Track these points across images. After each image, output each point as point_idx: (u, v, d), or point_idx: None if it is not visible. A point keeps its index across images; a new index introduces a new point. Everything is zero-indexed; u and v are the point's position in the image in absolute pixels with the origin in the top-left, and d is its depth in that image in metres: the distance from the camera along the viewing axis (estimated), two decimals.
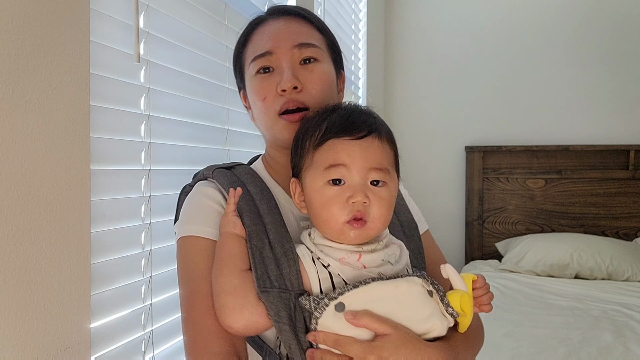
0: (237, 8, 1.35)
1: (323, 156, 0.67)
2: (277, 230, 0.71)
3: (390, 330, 0.61)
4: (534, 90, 3.06)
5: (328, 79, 0.79)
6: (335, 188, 0.66)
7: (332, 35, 0.86)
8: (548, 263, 2.54)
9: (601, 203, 2.91)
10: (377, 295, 0.62)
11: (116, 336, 0.91)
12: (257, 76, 0.79)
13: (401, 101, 3.29)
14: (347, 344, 0.61)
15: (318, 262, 0.67)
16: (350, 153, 0.66)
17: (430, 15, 3.24)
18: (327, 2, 2.16)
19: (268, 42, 0.78)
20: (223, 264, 0.67)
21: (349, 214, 0.65)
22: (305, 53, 0.78)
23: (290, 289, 0.65)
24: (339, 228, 0.65)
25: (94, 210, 0.84)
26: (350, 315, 0.61)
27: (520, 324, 1.84)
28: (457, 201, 3.17)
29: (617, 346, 1.61)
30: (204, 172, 0.81)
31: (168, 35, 1.07)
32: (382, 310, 0.62)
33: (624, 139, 2.93)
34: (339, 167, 0.66)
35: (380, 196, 0.66)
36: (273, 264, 0.67)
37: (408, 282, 0.64)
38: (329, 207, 0.66)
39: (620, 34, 2.95)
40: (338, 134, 0.67)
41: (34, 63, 0.70)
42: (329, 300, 0.62)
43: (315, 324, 0.62)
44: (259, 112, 0.80)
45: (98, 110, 0.86)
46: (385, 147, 0.69)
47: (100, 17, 0.87)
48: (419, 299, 0.64)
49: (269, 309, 0.64)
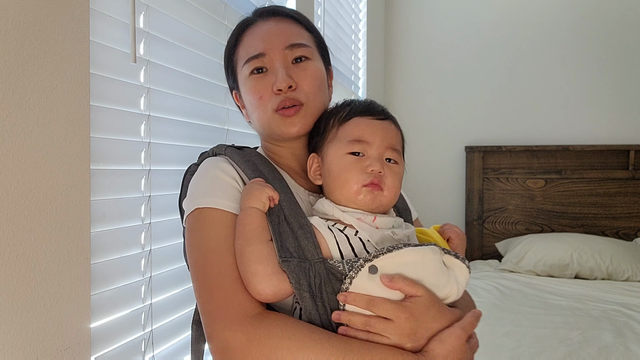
0: (237, 8, 1.35)
1: (348, 130, 0.76)
2: (291, 207, 0.74)
3: (421, 292, 0.67)
4: (534, 90, 3.06)
5: (320, 76, 0.84)
6: (355, 157, 0.74)
7: (319, 33, 0.90)
8: (548, 263, 2.54)
9: (601, 203, 2.91)
10: (408, 261, 0.67)
11: (116, 336, 0.91)
12: (252, 77, 0.82)
13: (401, 101, 3.29)
14: (379, 304, 0.65)
15: (334, 228, 0.71)
16: (373, 131, 0.75)
17: (430, 15, 3.24)
18: (327, 2, 2.16)
19: (260, 44, 0.81)
20: (251, 235, 0.69)
21: (367, 178, 0.72)
22: (296, 52, 0.82)
23: (310, 259, 0.68)
24: (357, 189, 0.72)
25: (94, 210, 0.84)
26: (387, 278, 0.65)
27: (520, 324, 1.84)
28: (457, 201, 3.17)
29: (617, 346, 1.61)
30: (214, 150, 0.84)
31: (168, 35, 1.07)
32: (413, 275, 0.67)
33: (624, 139, 2.93)
34: (361, 142, 0.74)
35: (394, 170, 0.75)
36: (290, 237, 0.70)
37: (432, 251, 0.70)
38: (348, 171, 0.73)
39: (620, 34, 2.95)
40: (362, 114, 0.77)
41: (34, 63, 0.70)
42: (365, 262, 0.66)
43: (350, 283, 0.66)
44: (255, 110, 0.83)
45: (98, 110, 0.86)
46: (399, 133, 0.79)
47: (100, 17, 0.87)
48: (439, 267, 0.70)
49: (290, 277, 0.67)
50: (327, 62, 0.90)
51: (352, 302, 0.65)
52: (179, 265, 1.11)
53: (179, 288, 1.12)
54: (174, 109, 1.10)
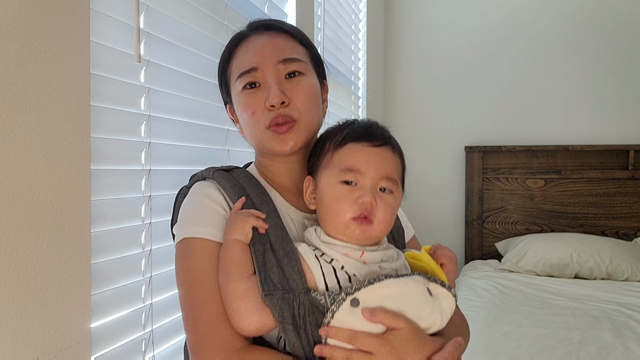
0: (237, 8, 1.35)
1: (341, 157, 0.73)
2: (278, 233, 0.73)
3: (402, 324, 0.66)
4: (533, 91, 3.06)
5: (313, 91, 0.82)
6: (347, 187, 0.71)
7: (314, 47, 0.88)
8: (548, 263, 2.54)
9: (601, 203, 2.91)
10: (389, 292, 0.67)
11: (116, 336, 0.91)
12: (244, 92, 0.81)
13: (401, 101, 3.29)
14: (361, 338, 0.65)
15: (321, 259, 0.70)
16: (367, 159, 0.72)
17: (430, 15, 3.24)
18: (327, 2, 2.16)
19: (253, 58, 0.80)
20: (233, 270, 0.69)
21: (356, 210, 0.70)
22: (289, 67, 0.80)
23: (295, 288, 0.68)
24: (346, 222, 0.70)
25: (94, 210, 0.84)
26: (368, 312, 0.64)
27: (520, 323, 1.84)
28: (457, 201, 3.17)
29: (616, 346, 1.61)
30: (203, 173, 0.83)
31: (168, 35, 1.07)
32: (395, 307, 0.66)
33: (623, 139, 2.93)
34: (354, 171, 0.71)
35: (387, 202, 0.71)
36: (275, 266, 0.69)
37: (414, 281, 0.69)
38: (339, 202, 0.71)
39: (620, 35, 2.95)
40: (358, 139, 0.73)
41: (34, 63, 0.70)
42: (346, 295, 0.65)
43: (331, 317, 0.65)
44: (248, 125, 0.81)
45: (98, 110, 0.86)
46: (397, 159, 0.75)
47: (100, 17, 0.87)
48: (422, 297, 0.68)
49: (273, 311, 0.67)
50: (323, 77, 0.89)
51: (333, 336, 0.65)
52: None
53: None
54: (174, 109, 1.10)
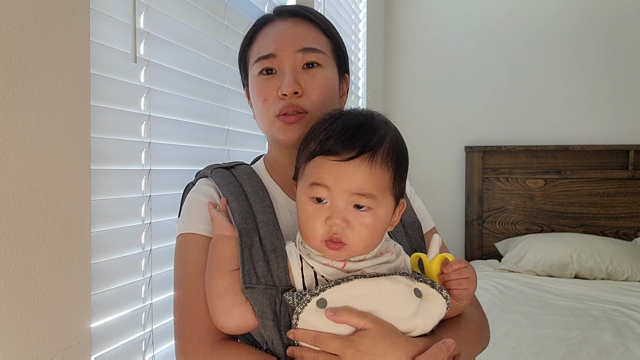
0: (237, 8, 1.35)
1: (309, 172, 0.66)
2: (269, 228, 0.73)
3: (370, 325, 0.61)
4: (533, 90, 3.06)
5: (329, 85, 0.80)
6: (316, 205, 0.65)
7: (338, 39, 0.85)
8: (548, 263, 2.54)
9: (601, 203, 2.91)
10: (359, 292, 0.63)
11: (116, 336, 0.91)
12: (260, 77, 0.80)
13: (401, 101, 3.29)
14: (325, 340, 0.62)
15: (304, 261, 0.68)
16: (334, 175, 0.63)
17: (430, 15, 3.24)
18: (327, 2, 2.16)
19: (272, 44, 0.79)
20: (214, 267, 0.69)
21: (325, 234, 0.64)
22: (308, 57, 0.78)
23: (278, 284, 0.67)
24: (316, 245, 0.66)
25: (94, 210, 0.84)
26: (331, 311, 0.61)
27: (520, 323, 1.84)
28: (457, 201, 3.18)
29: (616, 346, 1.61)
30: (204, 171, 0.84)
31: (168, 35, 1.07)
32: (364, 307, 0.62)
33: (623, 139, 2.93)
34: (321, 187, 0.64)
35: (362, 221, 0.64)
36: (262, 260, 0.68)
37: (391, 280, 0.64)
38: (308, 223, 0.65)
39: (620, 34, 2.95)
40: (326, 152, 0.64)
41: (34, 63, 0.70)
42: (311, 296, 0.62)
43: (297, 319, 0.63)
44: (259, 112, 0.81)
45: (98, 110, 0.86)
46: (376, 170, 0.64)
47: (100, 17, 0.87)
48: (402, 297, 0.64)
49: (253, 305, 0.66)
50: (344, 70, 0.86)
51: (299, 338, 0.63)
52: None
53: None
54: (174, 109, 1.10)
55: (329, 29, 0.84)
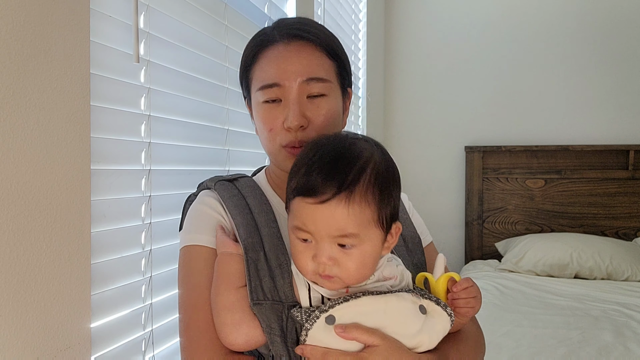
0: (237, 8, 1.35)
1: (293, 212, 0.65)
2: (273, 242, 0.73)
3: (378, 341, 0.62)
4: (533, 90, 3.06)
5: (334, 114, 0.80)
6: (303, 244, 0.65)
7: (342, 57, 0.83)
8: (548, 263, 2.54)
9: (601, 203, 2.91)
10: (367, 309, 0.64)
11: (116, 336, 0.91)
12: (264, 105, 0.79)
13: (401, 101, 3.29)
14: (335, 356, 0.62)
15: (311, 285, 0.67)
16: (313, 219, 0.62)
17: (430, 15, 3.24)
18: (327, 2, 2.16)
19: (276, 73, 0.77)
20: (220, 283, 0.69)
21: (314, 269, 0.64)
22: (313, 89, 0.77)
23: (284, 300, 0.67)
24: (310, 278, 0.66)
25: (94, 210, 0.84)
26: (340, 328, 0.62)
27: (520, 323, 1.84)
28: (457, 201, 3.18)
29: (616, 346, 1.61)
30: (207, 183, 0.84)
31: (168, 35, 1.07)
32: (372, 324, 0.63)
33: (623, 139, 2.93)
34: (304, 231, 0.64)
35: (351, 258, 0.63)
36: (267, 276, 0.69)
37: (397, 298, 0.65)
38: (298, 260, 0.66)
39: (620, 34, 2.95)
40: (303, 194, 0.63)
41: (34, 63, 0.70)
42: (320, 313, 0.63)
43: (306, 335, 0.63)
44: (263, 138, 0.81)
45: (98, 110, 0.86)
46: (354, 209, 0.62)
47: (100, 17, 0.87)
48: (408, 314, 0.65)
49: (261, 321, 0.66)
50: (347, 85, 0.85)
51: (308, 355, 0.63)
52: None
53: None
54: (174, 109, 1.10)
55: (333, 50, 0.81)
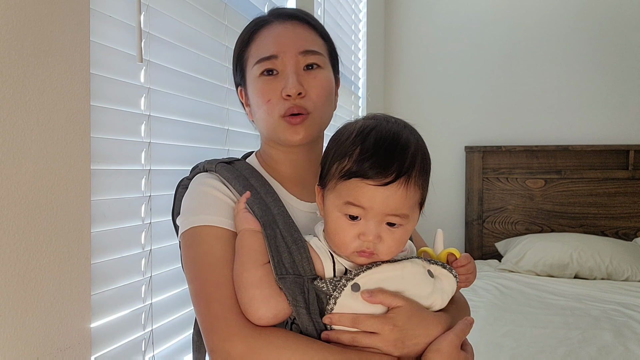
0: (237, 8, 1.35)
1: (345, 191, 0.67)
2: (285, 220, 0.74)
3: (402, 302, 0.68)
4: (533, 90, 3.06)
5: (329, 86, 0.83)
6: (349, 222, 0.68)
7: (332, 41, 0.89)
8: (548, 263, 2.54)
9: (601, 203, 2.91)
10: (387, 275, 0.69)
11: (116, 336, 0.91)
12: (261, 78, 0.81)
13: (401, 101, 3.29)
14: (364, 320, 0.67)
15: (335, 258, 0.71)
16: (371, 199, 0.66)
17: (430, 15, 3.24)
18: (327, 2, 2.16)
19: (274, 46, 0.80)
20: (246, 259, 0.69)
21: (358, 247, 0.68)
22: (309, 59, 0.81)
23: (303, 274, 0.69)
24: (348, 254, 0.70)
25: (94, 210, 0.84)
26: (367, 293, 0.66)
27: (520, 323, 1.84)
28: (457, 201, 3.18)
29: (616, 346, 1.61)
30: (205, 166, 0.83)
31: (168, 35, 1.07)
32: (392, 288, 0.69)
33: (623, 139, 2.93)
34: (357, 207, 0.66)
35: (394, 236, 0.68)
36: (286, 252, 0.70)
37: (412, 263, 0.71)
38: (341, 235, 0.69)
39: (620, 34, 2.95)
40: (364, 176, 0.65)
41: (34, 63, 0.70)
42: (346, 281, 0.67)
43: (334, 303, 0.67)
44: (261, 112, 0.81)
45: (98, 110, 0.86)
46: (410, 191, 0.67)
47: (100, 17, 0.87)
48: (421, 278, 0.71)
49: (287, 294, 0.68)
50: (337, 71, 0.89)
51: (337, 322, 0.67)
52: (179, 265, 1.11)
53: (179, 288, 1.12)
54: (174, 109, 1.10)
55: (324, 32, 0.87)
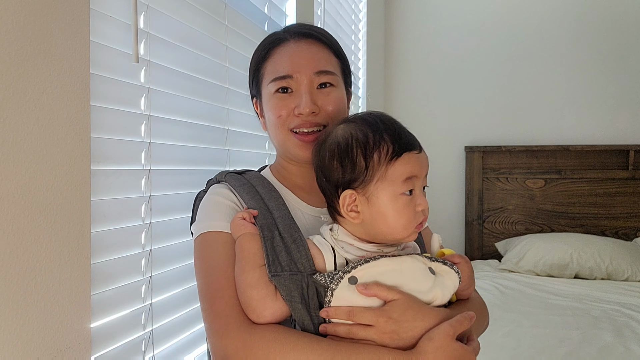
0: (237, 8, 1.35)
1: (401, 169, 0.71)
2: (286, 222, 0.77)
3: (397, 296, 0.69)
4: (533, 90, 3.06)
5: (341, 104, 0.87)
6: (407, 198, 0.72)
7: (346, 58, 0.92)
8: (548, 263, 2.54)
9: (601, 203, 2.91)
10: (385, 269, 0.70)
11: (116, 336, 0.91)
12: (276, 95, 0.85)
13: (401, 101, 3.29)
14: (359, 313, 0.68)
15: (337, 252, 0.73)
16: (421, 166, 0.73)
17: (430, 15, 3.24)
18: (327, 2, 2.16)
19: (289, 66, 0.84)
20: (244, 262, 0.73)
21: (418, 219, 0.73)
22: (322, 79, 0.84)
23: (303, 270, 0.71)
24: (410, 232, 0.72)
25: (94, 210, 0.84)
26: (362, 286, 0.68)
27: (520, 324, 1.84)
28: (457, 201, 3.18)
29: (616, 346, 1.61)
30: (217, 177, 0.89)
31: (168, 35, 1.07)
32: (390, 282, 0.70)
33: (623, 139, 2.93)
34: (412, 179, 0.72)
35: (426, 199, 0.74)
36: (283, 251, 0.73)
37: (412, 258, 0.73)
38: (403, 214, 0.71)
39: (620, 34, 2.95)
40: (409, 148, 0.73)
41: (34, 63, 0.70)
42: (344, 274, 0.69)
43: (331, 295, 0.68)
44: (273, 126, 0.87)
45: (98, 110, 0.86)
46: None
47: (100, 17, 0.87)
48: (421, 273, 0.72)
49: (280, 291, 0.70)
50: (349, 85, 0.93)
51: (333, 315, 0.69)
52: (179, 265, 1.11)
53: (179, 288, 1.12)
54: (174, 109, 1.10)
55: (338, 50, 0.90)
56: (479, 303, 0.86)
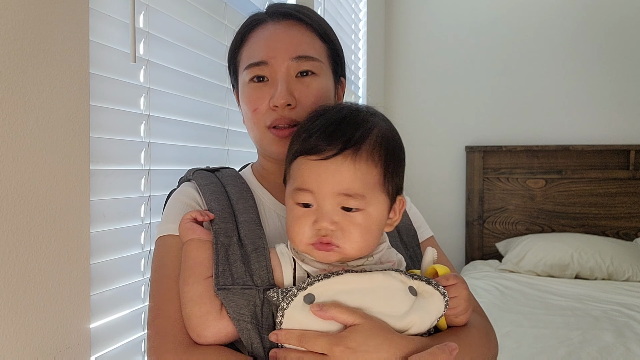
0: (237, 8, 1.35)
1: (293, 175, 0.63)
2: (250, 228, 0.69)
3: (360, 320, 0.57)
4: (534, 90, 3.06)
5: (324, 95, 0.76)
6: (303, 210, 0.62)
7: (335, 42, 0.81)
8: (548, 263, 2.54)
9: (601, 203, 2.91)
10: (349, 287, 0.59)
11: (116, 336, 0.91)
12: (250, 85, 0.76)
13: (401, 101, 3.29)
14: (311, 339, 0.57)
15: (298, 264, 0.64)
16: (317, 177, 0.60)
17: (430, 15, 3.24)
18: (327, 2, 2.16)
19: (264, 50, 0.75)
20: (188, 273, 0.65)
21: (313, 237, 0.61)
22: (302, 66, 0.74)
23: (260, 284, 0.63)
24: (303, 248, 0.62)
25: (94, 210, 0.84)
26: (317, 307, 0.57)
27: (520, 324, 1.84)
28: (457, 201, 3.17)
29: (617, 346, 1.60)
30: (186, 174, 0.82)
31: (168, 35, 1.07)
32: (354, 303, 0.58)
33: (624, 139, 2.93)
34: (305, 192, 0.61)
35: (354, 222, 0.60)
36: (239, 260, 0.64)
37: (385, 275, 0.60)
38: (294, 227, 0.62)
39: (620, 34, 2.95)
40: (307, 152, 0.61)
41: (34, 63, 0.70)
42: (298, 291, 0.59)
43: (282, 316, 0.58)
44: (248, 120, 0.79)
45: (98, 110, 0.86)
46: (361, 166, 0.60)
47: (100, 17, 0.86)
48: (396, 294, 0.60)
49: (227, 307, 0.61)
50: (340, 74, 0.83)
51: (283, 340, 0.58)
52: None
53: None
54: (174, 109, 1.10)
55: (325, 33, 0.79)
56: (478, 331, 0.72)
